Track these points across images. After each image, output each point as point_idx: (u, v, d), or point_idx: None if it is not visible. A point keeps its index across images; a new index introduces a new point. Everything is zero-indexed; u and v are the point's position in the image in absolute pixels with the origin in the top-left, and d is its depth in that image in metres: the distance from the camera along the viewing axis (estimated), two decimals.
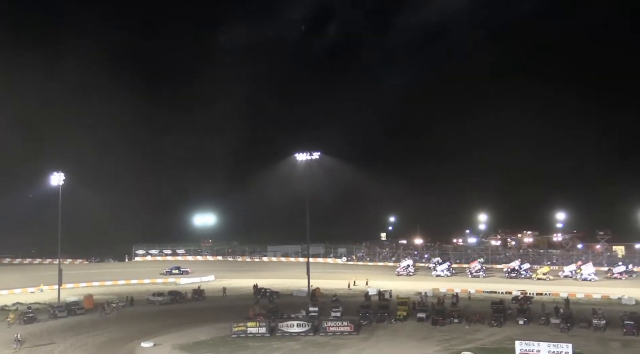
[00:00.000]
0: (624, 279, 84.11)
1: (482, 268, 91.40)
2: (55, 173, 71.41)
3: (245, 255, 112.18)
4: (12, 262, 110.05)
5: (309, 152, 72.17)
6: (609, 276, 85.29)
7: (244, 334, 54.13)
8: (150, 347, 50.33)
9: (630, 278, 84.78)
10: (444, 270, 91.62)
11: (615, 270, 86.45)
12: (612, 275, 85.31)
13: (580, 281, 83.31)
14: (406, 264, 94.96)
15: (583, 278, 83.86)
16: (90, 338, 54.10)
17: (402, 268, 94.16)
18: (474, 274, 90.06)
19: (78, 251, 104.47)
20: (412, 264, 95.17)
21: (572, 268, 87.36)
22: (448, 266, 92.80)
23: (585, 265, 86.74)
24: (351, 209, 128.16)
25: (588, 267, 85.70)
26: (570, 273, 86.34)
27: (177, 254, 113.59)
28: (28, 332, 54.46)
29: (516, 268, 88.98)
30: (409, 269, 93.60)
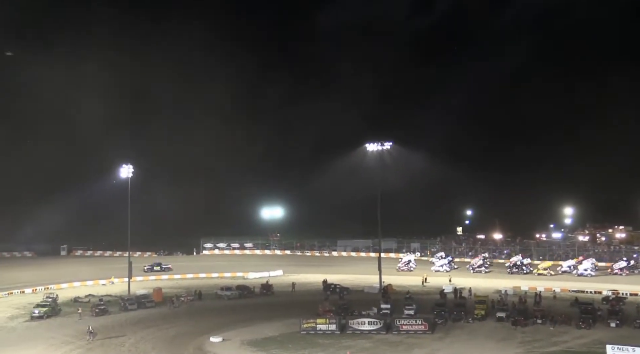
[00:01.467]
0: (624, 275, 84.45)
1: (484, 263, 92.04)
2: (124, 165, 74.27)
3: (314, 249, 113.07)
4: (84, 254, 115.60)
5: (380, 142, 71.80)
6: (609, 272, 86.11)
7: (313, 331, 54.60)
8: (219, 342, 51.61)
9: (632, 274, 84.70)
10: (443, 265, 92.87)
11: (615, 265, 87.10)
12: (612, 271, 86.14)
13: (576, 276, 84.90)
14: (407, 259, 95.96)
15: (579, 274, 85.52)
16: (160, 331, 56.08)
17: (403, 264, 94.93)
18: (476, 269, 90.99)
19: (147, 244, 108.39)
20: (413, 259, 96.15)
21: (570, 263, 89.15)
22: (449, 261, 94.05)
23: (585, 261, 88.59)
24: (425, 202, 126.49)
25: (585, 263, 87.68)
26: (569, 269, 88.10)
27: (244, 248, 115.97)
28: (100, 324, 56.97)
29: (517, 263, 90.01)
30: (410, 265, 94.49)
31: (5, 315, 62.72)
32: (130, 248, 77.60)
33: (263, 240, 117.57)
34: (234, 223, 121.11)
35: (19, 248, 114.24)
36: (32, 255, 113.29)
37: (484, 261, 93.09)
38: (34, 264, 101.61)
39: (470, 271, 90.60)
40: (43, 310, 61.56)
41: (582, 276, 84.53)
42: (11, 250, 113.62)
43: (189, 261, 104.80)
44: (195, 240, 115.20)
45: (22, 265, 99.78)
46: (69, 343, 51.52)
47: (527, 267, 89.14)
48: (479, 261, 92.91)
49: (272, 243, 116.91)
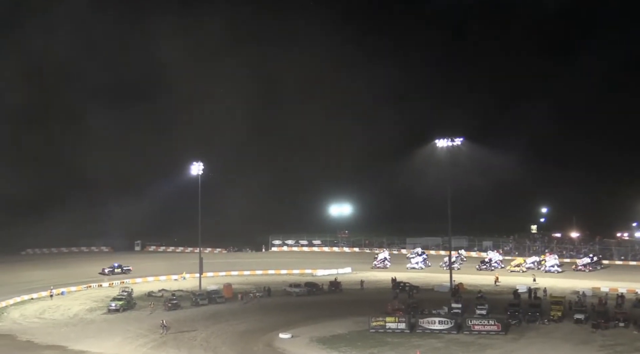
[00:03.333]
0: (587, 271, 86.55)
1: (458, 259, 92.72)
2: (195, 162, 76.21)
3: (383, 246, 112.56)
4: (157, 250, 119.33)
5: (450, 138, 70.78)
6: (573, 269, 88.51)
7: (382, 329, 54.40)
8: (288, 338, 52.21)
9: (595, 271, 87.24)
10: (418, 262, 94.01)
11: (579, 262, 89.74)
12: (576, 268, 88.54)
13: (543, 272, 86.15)
14: (383, 257, 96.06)
15: (546, 270, 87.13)
16: (230, 326, 57.24)
17: (379, 261, 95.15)
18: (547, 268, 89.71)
19: (217, 240, 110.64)
20: (388, 257, 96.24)
21: (534, 260, 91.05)
22: (424, 259, 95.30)
23: (548, 257, 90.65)
24: (498, 199, 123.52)
25: (551, 259, 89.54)
26: (533, 265, 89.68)
27: (313, 245, 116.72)
28: (172, 318, 58.68)
29: (486, 261, 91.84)
30: (386, 262, 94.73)
31: (85, 308, 65.64)
32: (200, 244, 79.68)
33: (331, 237, 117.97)
34: (303, 220, 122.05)
35: (96, 243, 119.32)
36: (109, 250, 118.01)
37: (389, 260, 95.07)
38: (110, 259, 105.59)
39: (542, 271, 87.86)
40: (119, 304, 64.02)
41: (549, 272, 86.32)
42: (90, 244, 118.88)
43: (257, 258, 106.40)
44: (264, 236, 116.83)
45: (100, 260, 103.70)
46: (143, 335, 53.37)
47: (498, 263, 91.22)
48: (587, 260, 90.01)
49: (341, 241, 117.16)
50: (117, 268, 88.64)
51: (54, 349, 46.98)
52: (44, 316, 61.78)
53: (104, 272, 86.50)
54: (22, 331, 55.07)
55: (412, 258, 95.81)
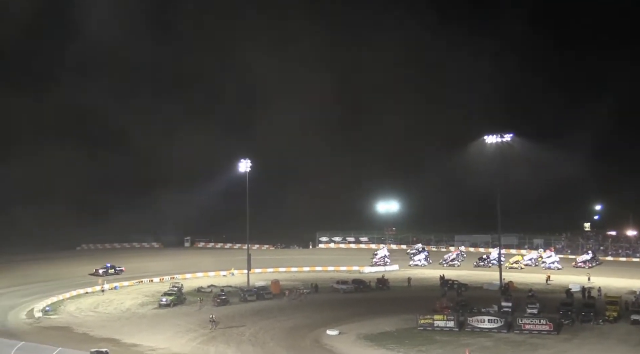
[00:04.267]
0: (587, 268, 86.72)
1: (459, 256, 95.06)
2: (242, 160, 77.16)
3: (430, 244, 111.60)
4: (206, 246, 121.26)
5: (499, 134, 69.74)
6: (573, 265, 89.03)
7: (430, 327, 54.04)
8: (335, 335, 52.37)
9: (596, 267, 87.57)
10: (421, 259, 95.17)
11: (579, 259, 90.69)
12: (576, 264, 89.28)
13: (543, 269, 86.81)
14: (383, 254, 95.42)
15: (546, 267, 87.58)
16: (278, 322, 57.77)
17: (378, 259, 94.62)
18: (449, 263, 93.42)
19: (265, 237, 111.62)
20: (387, 254, 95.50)
21: (532, 256, 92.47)
22: (425, 256, 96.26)
23: (547, 253, 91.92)
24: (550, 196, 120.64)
25: (551, 255, 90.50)
26: (530, 262, 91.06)
27: (360, 242, 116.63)
28: (221, 314, 59.61)
29: (484, 257, 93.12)
30: (386, 259, 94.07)
31: (137, 302, 67.30)
32: (248, 241, 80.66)
33: (378, 234, 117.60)
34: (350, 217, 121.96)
35: (147, 239, 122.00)
36: (159, 246, 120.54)
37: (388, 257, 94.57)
38: (160, 254, 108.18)
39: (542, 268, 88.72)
40: (170, 299, 65.41)
41: (550, 269, 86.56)
42: (141, 240, 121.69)
43: (305, 255, 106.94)
44: (311, 233, 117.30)
45: (150, 255, 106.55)
46: (193, 330, 54.39)
47: None
48: (587, 256, 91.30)
49: (388, 238, 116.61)
50: (111, 269, 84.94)
51: (108, 342, 48.30)
52: (98, 310, 63.65)
53: (97, 273, 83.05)
54: (78, 324, 56.90)
55: (415, 255, 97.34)
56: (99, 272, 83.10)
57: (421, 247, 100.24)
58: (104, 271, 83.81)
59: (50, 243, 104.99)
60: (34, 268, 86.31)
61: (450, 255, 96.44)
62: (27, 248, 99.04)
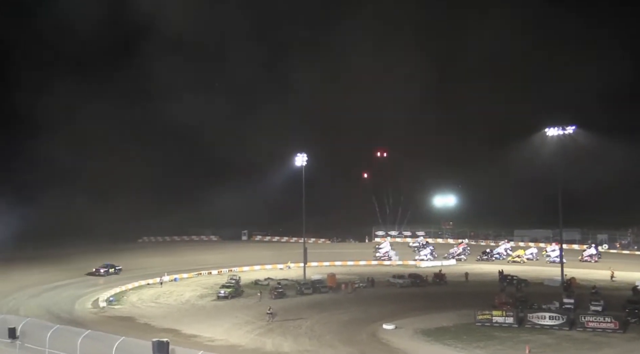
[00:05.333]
0: (594, 262, 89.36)
1: (465, 250, 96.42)
2: (298, 154, 77.72)
3: (488, 238, 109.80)
4: (263, 239, 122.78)
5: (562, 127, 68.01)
6: (580, 260, 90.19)
7: (489, 323, 53.15)
8: (392, 329, 52.16)
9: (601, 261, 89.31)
10: (427, 254, 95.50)
11: (585, 253, 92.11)
12: (582, 259, 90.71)
13: (547, 263, 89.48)
14: (386, 249, 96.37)
15: (550, 261, 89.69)
16: (334, 316, 57.93)
17: (383, 254, 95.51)
18: (455, 257, 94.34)
19: (321, 230, 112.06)
20: (391, 249, 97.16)
21: (532, 251, 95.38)
22: (431, 250, 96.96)
23: (551, 247, 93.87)
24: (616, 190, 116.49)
25: (555, 249, 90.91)
26: (531, 256, 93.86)
27: (416, 236, 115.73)
28: (278, 306, 60.22)
29: (487, 251, 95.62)
30: (389, 254, 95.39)
31: (196, 294, 68.77)
32: (305, 234, 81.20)
33: (435, 229, 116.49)
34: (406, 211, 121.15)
35: (205, 233, 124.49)
36: (217, 239, 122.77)
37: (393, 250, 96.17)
38: (218, 247, 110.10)
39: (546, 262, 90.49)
40: (228, 291, 66.54)
41: (554, 263, 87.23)
42: (199, 233, 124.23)
43: (361, 248, 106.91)
44: (367, 227, 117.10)
45: (209, 248, 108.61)
46: (251, 322, 55.17)
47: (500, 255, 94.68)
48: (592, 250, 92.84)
49: (445, 232, 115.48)
50: (111, 268, 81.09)
51: (169, 333, 49.43)
52: (159, 301, 65.33)
53: (98, 272, 79.54)
54: (140, 315, 58.55)
55: (421, 251, 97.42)
56: (100, 271, 79.53)
57: (424, 241, 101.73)
58: (105, 270, 79.83)
59: (113, 236, 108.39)
60: (98, 260, 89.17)
61: (457, 249, 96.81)
62: (92, 240, 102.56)
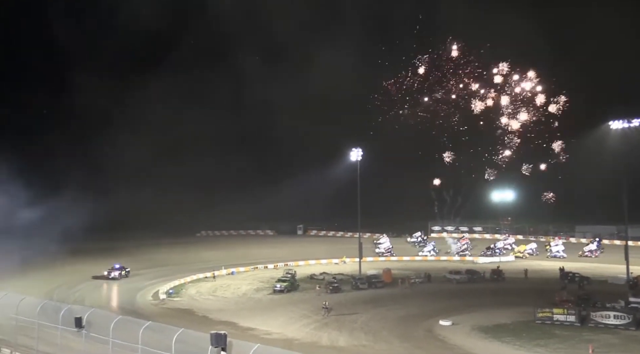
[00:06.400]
0: (594, 257, 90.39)
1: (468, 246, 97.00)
2: (353, 149, 77.62)
3: (549, 234, 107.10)
4: (318, 234, 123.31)
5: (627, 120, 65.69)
6: (580, 255, 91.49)
7: (549, 320, 51.84)
8: (448, 326, 51.51)
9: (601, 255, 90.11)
10: (430, 250, 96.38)
11: (585, 248, 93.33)
12: (582, 254, 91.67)
13: (550, 258, 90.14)
14: (387, 245, 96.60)
15: (552, 256, 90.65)
16: (390, 311, 57.65)
17: (385, 250, 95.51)
18: (460, 253, 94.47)
19: (376, 225, 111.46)
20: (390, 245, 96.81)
21: (532, 246, 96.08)
22: (433, 246, 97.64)
23: (554, 241, 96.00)
24: None
25: (558, 244, 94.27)
26: (531, 251, 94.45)
27: (473, 231, 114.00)
28: (334, 301, 60.36)
29: (491, 246, 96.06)
30: (391, 250, 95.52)
31: (253, 287, 69.67)
32: (360, 229, 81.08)
33: (493, 224, 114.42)
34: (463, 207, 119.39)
35: (262, 227, 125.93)
36: (273, 233, 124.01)
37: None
38: (274, 242, 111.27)
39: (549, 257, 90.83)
40: (284, 285, 67.12)
41: (555, 257, 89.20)
42: (256, 228, 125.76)
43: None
44: (422, 222, 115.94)
45: (265, 243, 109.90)
46: (306, 316, 55.48)
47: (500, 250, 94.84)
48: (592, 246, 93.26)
49: (503, 228, 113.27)
50: (123, 270, 74.91)
51: (226, 325, 50.25)
52: (217, 294, 66.49)
53: (112, 274, 73.22)
54: (199, 307, 59.71)
55: (425, 247, 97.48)
56: (115, 274, 73.13)
57: (422, 236, 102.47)
58: (119, 273, 73.73)
59: (173, 230, 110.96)
60: (158, 253, 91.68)
61: (460, 245, 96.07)
62: (152, 233, 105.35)
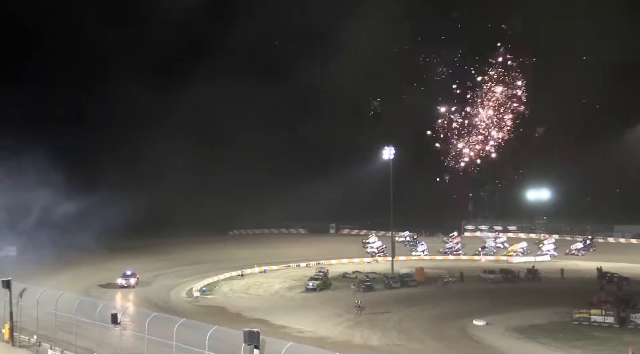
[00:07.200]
0: (581, 255, 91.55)
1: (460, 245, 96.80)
2: (386, 147, 77.31)
3: (586, 234, 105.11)
4: (350, 233, 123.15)
5: None
6: (567, 253, 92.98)
7: (586, 322, 50.87)
8: (482, 326, 50.88)
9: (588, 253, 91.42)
10: (424, 250, 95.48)
11: (572, 246, 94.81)
12: (570, 252, 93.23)
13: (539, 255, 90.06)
14: (378, 245, 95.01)
15: (542, 254, 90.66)
16: (423, 311, 57.22)
17: (378, 249, 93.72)
18: (454, 252, 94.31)
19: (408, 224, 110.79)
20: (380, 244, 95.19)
21: (523, 245, 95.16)
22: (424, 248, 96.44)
23: (548, 240, 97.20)
24: None
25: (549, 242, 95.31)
26: (522, 250, 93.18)
27: (507, 230, 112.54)
28: (367, 300, 60.11)
29: (485, 246, 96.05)
30: (383, 248, 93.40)
31: (285, 286, 69.86)
32: (392, 228, 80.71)
33: (528, 223, 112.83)
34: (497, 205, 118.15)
35: (294, 226, 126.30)
36: (305, 232, 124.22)
37: None
38: (306, 240, 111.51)
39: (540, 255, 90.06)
40: (316, 283, 67.14)
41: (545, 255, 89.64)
42: (288, 226, 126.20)
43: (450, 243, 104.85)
44: (456, 221, 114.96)
45: (297, 241, 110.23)
46: (339, 315, 55.40)
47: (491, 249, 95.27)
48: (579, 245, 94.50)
49: (538, 227, 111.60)
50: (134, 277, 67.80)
51: (259, 323, 50.40)
52: (250, 292, 66.86)
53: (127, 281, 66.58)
54: (232, 305, 60.10)
55: (417, 247, 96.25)
56: (130, 282, 66.63)
57: (414, 235, 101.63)
58: (135, 281, 67.28)
59: (206, 228, 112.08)
60: (191, 251, 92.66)
61: (454, 245, 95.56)
62: (186, 231, 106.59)
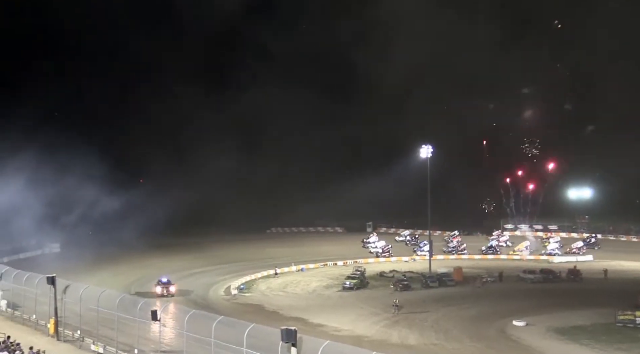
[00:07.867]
0: (581, 253, 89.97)
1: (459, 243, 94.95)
2: (423, 145, 76.83)
3: (630, 233, 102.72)
4: (387, 231, 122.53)
5: None
6: (567, 251, 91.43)
7: (631, 324, 49.65)
8: (522, 326, 50.17)
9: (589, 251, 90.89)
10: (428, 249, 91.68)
11: (573, 245, 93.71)
12: (570, 250, 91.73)
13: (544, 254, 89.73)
14: (382, 244, 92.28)
15: (547, 253, 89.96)
16: (461, 310, 56.72)
17: (382, 250, 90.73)
18: (459, 252, 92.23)
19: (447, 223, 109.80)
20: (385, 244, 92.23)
21: (527, 244, 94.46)
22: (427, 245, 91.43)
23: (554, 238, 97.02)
24: None
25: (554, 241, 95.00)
26: (525, 249, 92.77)
27: (548, 230, 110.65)
28: (404, 299, 59.73)
29: (493, 246, 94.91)
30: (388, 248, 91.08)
31: (322, 284, 70.01)
32: (430, 227, 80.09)
33: (569, 223, 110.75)
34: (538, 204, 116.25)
35: (331, 224, 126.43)
36: (342, 230, 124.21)
37: None
38: (343, 239, 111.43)
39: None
40: (353, 282, 67.06)
41: (550, 255, 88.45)
42: (325, 225, 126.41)
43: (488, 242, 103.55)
44: (494, 220, 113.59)
45: (334, 239, 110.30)
46: (376, 314, 55.31)
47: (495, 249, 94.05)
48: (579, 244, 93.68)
49: (580, 226, 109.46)
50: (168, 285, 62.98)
51: (296, 321, 50.67)
52: (287, 290, 67.22)
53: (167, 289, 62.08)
54: (269, 303, 60.53)
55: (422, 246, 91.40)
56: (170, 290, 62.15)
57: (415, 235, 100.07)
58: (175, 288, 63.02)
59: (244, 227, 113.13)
60: (229, 249, 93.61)
61: (453, 243, 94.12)
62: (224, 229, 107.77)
